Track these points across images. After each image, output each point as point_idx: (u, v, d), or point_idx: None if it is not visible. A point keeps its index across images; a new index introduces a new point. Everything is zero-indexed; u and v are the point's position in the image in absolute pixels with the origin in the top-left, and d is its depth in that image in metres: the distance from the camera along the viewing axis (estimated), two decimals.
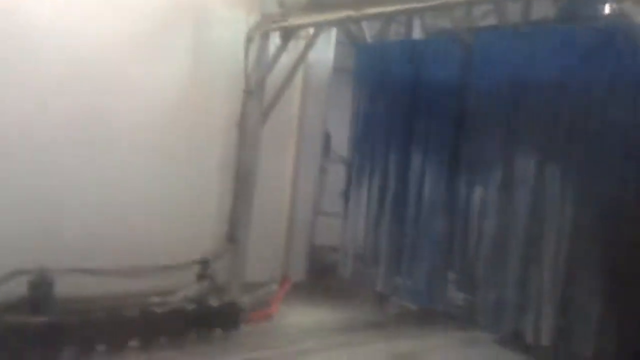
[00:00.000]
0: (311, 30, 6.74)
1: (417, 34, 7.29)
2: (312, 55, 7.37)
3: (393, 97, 6.51)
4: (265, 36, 6.59)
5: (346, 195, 7.18)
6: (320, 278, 7.93)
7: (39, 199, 5.60)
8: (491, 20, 5.93)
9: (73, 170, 5.84)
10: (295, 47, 6.83)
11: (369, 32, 7.34)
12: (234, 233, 6.48)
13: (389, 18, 6.66)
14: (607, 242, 4.78)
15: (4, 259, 5.13)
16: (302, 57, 6.90)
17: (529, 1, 5.52)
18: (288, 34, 6.45)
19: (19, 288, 5.14)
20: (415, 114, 6.25)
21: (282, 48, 6.54)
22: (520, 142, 5.22)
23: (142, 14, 6.22)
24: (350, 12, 5.56)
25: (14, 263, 5.16)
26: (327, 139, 8.53)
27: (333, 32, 7.68)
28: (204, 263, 6.22)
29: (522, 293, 5.21)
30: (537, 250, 5.10)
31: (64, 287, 5.26)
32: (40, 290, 5.19)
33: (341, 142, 9.26)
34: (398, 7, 5.09)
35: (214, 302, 5.86)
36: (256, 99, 6.63)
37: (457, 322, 6.43)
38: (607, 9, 5.37)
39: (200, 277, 6.16)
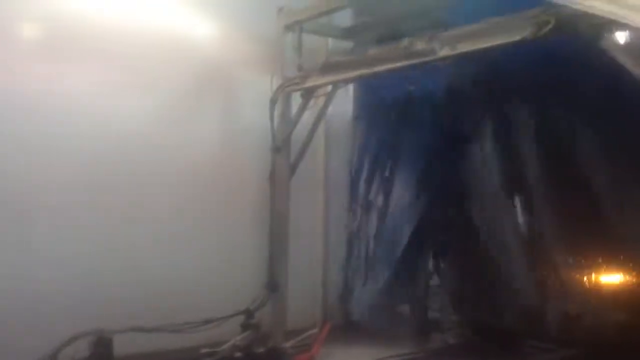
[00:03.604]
0: (329, 87, 7.26)
1: None
2: (333, 109, 7.92)
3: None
4: (288, 97, 7.12)
5: None
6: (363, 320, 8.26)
7: (89, 271, 6.09)
8: None
9: (116, 239, 6.32)
10: (317, 103, 7.37)
11: None
12: (274, 282, 6.87)
13: None
14: None
15: (66, 325, 5.60)
16: (322, 113, 7.41)
17: None
18: (308, 94, 6.97)
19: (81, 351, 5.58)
20: None
21: (303, 106, 7.05)
22: None
23: (173, 86, 6.83)
24: (363, 71, 6.07)
25: (76, 328, 5.60)
26: None
27: (350, 86, 8.22)
28: (248, 313, 6.59)
29: None
30: None
31: (121, 347, 5.70)
32: (100, 350, 5.63)
33: None
34: (406, 62, 5.57)
35: (259, 349, 6.22)
36: (283, 154, 7.12)
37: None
38: None
39: (245, 326, 6.52)
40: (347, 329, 7.77)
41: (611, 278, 5.88)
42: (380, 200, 7.74)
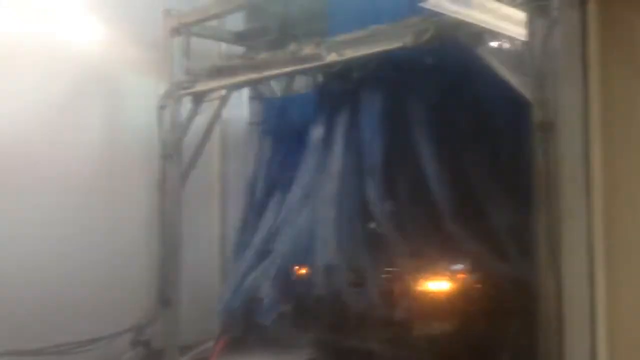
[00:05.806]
0: (223, 91, 7.06)
1: None
2: (227, 113, 7.73)
3: None
4: (178, 102, 6.86)
5: None
6: (259, 330, 8.06)
7: None
8: None
9: None
10: (210, 107, 7.14)
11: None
12: (165, 295, 6.58)
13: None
14: None
15: None
16: (215, 117, 7.20)
17: None
18: (198, 98, 6.75)
19: None
20: None
21: (194, 112, 6.83)
22: None
23: (54, 92, 6.42)
24: (252, 75, 5.95)
25: None
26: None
27: (245, 90, 8.05)
28: (138, 329, 6.28)
29: None
30: None
31: None
32: None
33: None
34: (294, 67, 5.51)
35: None
36: (174, 161, 6.85)
37: None
38: None
39: (135, 344, 6.21)
40: (245, 340, 7.57)
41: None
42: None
